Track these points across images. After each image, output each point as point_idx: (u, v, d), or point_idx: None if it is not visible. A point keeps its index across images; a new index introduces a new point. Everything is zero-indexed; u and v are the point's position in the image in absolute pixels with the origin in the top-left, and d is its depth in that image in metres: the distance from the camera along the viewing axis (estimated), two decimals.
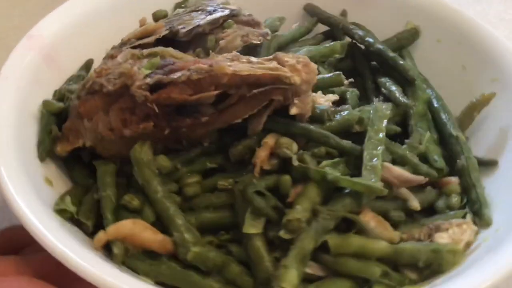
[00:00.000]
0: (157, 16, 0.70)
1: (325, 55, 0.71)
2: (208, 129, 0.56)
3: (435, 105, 0.67)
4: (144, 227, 0.51)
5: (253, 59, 0.55)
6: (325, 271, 0.52)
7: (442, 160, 0.61)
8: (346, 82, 0.64)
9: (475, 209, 0.58)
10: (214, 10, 0.67)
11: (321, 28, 0.79)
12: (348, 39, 0.74)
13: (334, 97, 0.61)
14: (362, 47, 0.73)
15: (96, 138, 0.56)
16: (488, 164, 0.63)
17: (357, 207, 0.53)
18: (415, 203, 0.56)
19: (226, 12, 0.67)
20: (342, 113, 0.59)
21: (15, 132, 0.56)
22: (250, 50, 0.66)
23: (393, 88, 0.66)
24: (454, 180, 0.61)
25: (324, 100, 0.59)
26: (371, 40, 0.71)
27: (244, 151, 0.56)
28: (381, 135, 0.57)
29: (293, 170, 0.54)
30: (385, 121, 0.59)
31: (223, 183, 0.55)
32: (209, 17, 0.66)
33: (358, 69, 0.73)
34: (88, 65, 0.67)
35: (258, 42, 0.65)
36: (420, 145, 0.61)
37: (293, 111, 0.55)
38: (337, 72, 0.63)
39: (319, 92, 0.61)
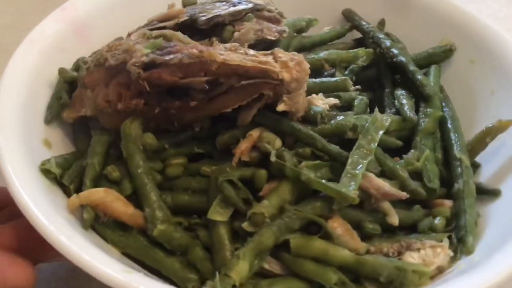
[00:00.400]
0: (185, 3, 0.72)
1: (346, 60, 0.70)
2: (198, 115, 0.57)
3: (448, 125, 0.65)
4: (116, 198, 0.53)
5: (250, 51, 0.56)
6: (284, 270, 0.52)
7: (437, 181, 0.58)
8: (352, 88, 0.63)
9: (460, 235, 0.55)
10: (239, 3, 0.68)
11: (358, 34, 0.78)
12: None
13: (334, 100, 0.60)
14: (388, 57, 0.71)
15: (95, 109, 0.59)
16: (490, 193, 0.60)
17: (328, 211, 0.52)
18: (393, 219, 0.54)
19: (250, 5, 0.68)
20: (338, 117, 0.58)
21: (27, 93, 0.60)
22: (267, 45, 0.67)
23: (404, 101, 0.65)
24: (447, 203, 0.58)
25: (322, 103, 0.59)
26: (395, 51, 0.70)
27: (229, 141, 0.57)
28: (372, 145, 0.56)
29: (271, 166, 0.54)
30: (381, 132, 0.58)
31: (205, 169, 0.56)
32: (231, 9, 0.67)
33: (380, 79, 0.71)
34: None
35: (273, 38, 0.65)
36: (417, 162, 0.59)
37: (280, 107, 0.55)
38: (343, 77, 0.62)
39: (320, 94, 0.60)
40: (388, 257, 0.52)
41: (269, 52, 0.56)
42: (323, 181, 0.52)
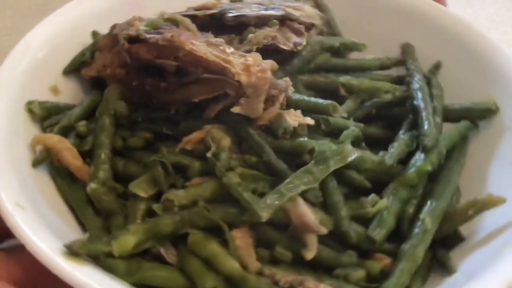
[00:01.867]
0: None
1: (367, 91, 0.67)
2: (171, 97, 0.59)
3: (437, 185, 0.59)
4: (67, 148, 0.58)
5: (229, 49, 0.56)
6: (178, 262, 0.52)
7: (383, 233, 0.54)
8: (337, 115, 0.60)
9: None
10: (272, 8, 0.69)
11: None
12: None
13: (309, 121, 0.58)
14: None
15: (98, 71, 0.64)
16: (445, 268, 0.54)
17: (239, 221, 0.52)
18: (308, 253, 0.51)
19: (281, 13, 0.69)
20: (301, 138, 0.57)
21: (58, 45, 0.67)
22: (286, 56, 0.67)
23: (395, 145, 0.60)
24: (384, 260, 0.54)
25: (293, 119, 0.57)
26: (418, 94, 0.65)
27: (189, 128, 0.58)
28: (322, 174, 0.54)
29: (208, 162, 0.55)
30: (339, 165, 0.55)
31: (162, 148, 0.58)
32: (261, 12, 0.68)
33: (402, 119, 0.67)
34: None
35: (286, 48, 0.65)
36: (372, 208, 0.55)
37: (235, 109, 0.55)
38: (330, 102, 0.59)
39: (298, 111, 0.59)
40: (277, 285, 0.50)
41: (247, 54, 0.56)
42: (243, 191, 0.51)
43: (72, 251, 0.46)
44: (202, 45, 0.55)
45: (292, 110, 0.59)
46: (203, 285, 0.49)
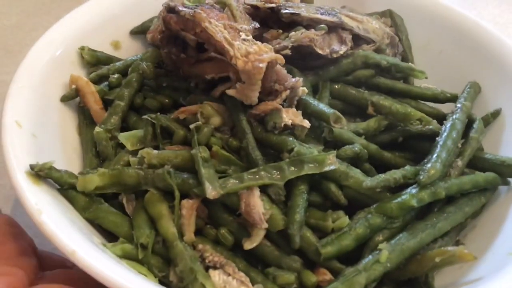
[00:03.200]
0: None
1: (395, 115, 0.65)
2: (190, 72, 0.63)
3: (422, 220, 0.56)
4: (91, 92, 0.64)
5: (247, 36, 0.58)
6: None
7: (330, 250, 0.53)
8: (342, 125, 0.58)
9: None
10: (328, 14, 0.69)
11: None
12: None
13: (306, 124, 0.58)
14: None
15: (151, 36, 0.71)
16: None
17: (191, 191, 0.54)
18: (246, 243, 0.53)
19: (334, 19, 0.69)
20: (287, 136, 0.57)
21: (129, 7, 0.75)
22: (327, 61, 0.67)
23: (390, 172, 0.57)
24: (325, 276, 0.53)
25: (289, 117, 0.58)
26: (445, 131, 0.61)
27: (193, 102, 0.62)
28: (292, 175, 0.54)
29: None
30: (313, 171, 0.54)
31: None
32: (316, 15, 0.69)
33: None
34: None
35: (320, 52, 0.65)
36: (331, 223, 0.54)
37: (230, 91, 0.57)
38: (332, 111, 0.58)
39: (299, 112, 0.59)
40: (203, 261, 0.51)
41: (258, 42, 0.58)
42: (202, 164, 0.53)
43: (34, 172, 0.52)
44: (219, 26, 0.58)
45: (293, 109, 0.59)
46: (137, 239, 0.52)
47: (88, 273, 0.44)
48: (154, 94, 0.66)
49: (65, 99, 0.66)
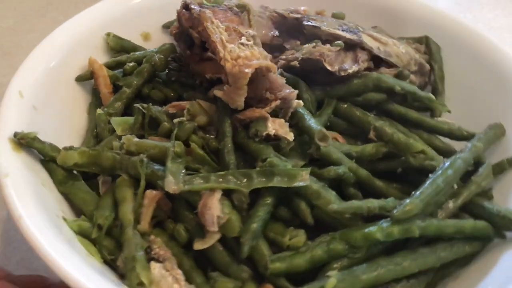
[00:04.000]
0: (334, 15, 0.74)
1: (395, 144, 0.62)
2: (195, 69, 0.64)
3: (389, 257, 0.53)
4: (103, 75, 0.67)
5: (249, 41, 0.58)
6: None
7: (278, 267, 0.51)
8: (326, 144, 0.57)
9: None
10: (350, 31, 0.68)
11: None
12: None
13: (288, 137, 0.57)
14: None
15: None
16: None
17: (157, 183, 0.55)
18: (196, 244, 0.53)
19: (354, 37, 0.67)
20: (266, 146, 0.56)
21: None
22: (338, 79, 0.66)
23: (363, 201, 0.55)
24: None
25: (273, 127, 0.57)
26: (441, 169, 0.58)
27: (189, 98, 0.63)
28: (260, 185, 0.53)
29: None
30: (280, 185, 0.53)
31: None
32: (336, 32, 0.68)
33: None
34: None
35: (330, 69, 0.64)
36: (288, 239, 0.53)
37: (217, 92, 0.57)
38: (319, 128, 0.57)
39: (286, 124, 0.58)
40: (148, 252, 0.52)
41: (255, 46, 0.58)
42: (171, 158, 0.54)
43: (16, 139, 0.55)
44: (220, 27, 0.58)
45: (280, 120, 0.58)
46: (96, 219, 0.54)
47: (27, 240, 0.46)
48: (162, 87, 0.68)
49: (79, 79, 0.69)
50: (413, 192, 0.55)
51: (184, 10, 0.64)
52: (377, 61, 0.69)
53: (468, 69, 0.73)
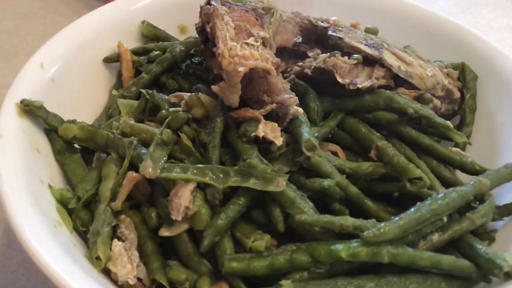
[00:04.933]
0: (366, 29, 0.73)
1: (394, 166, 0.59)
2: (208, 62, 0.65)
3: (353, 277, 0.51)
4: (126, 60, 0.70)
5: (256, 42, 0.59)
6: None
7: (234, 267, 0.51)
8: (316, 155, 0.55)
9: None
10: (373, 47, 0.66)
11: None
12: None
13: (277, 142, 0.56)
14: None
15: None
16: None
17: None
18: (161, 230, 0.53)
19: (375, 53, 0.65)
20: (247, 146, 0.56)
21: None
22: (347, 92, 0.64)
23: (337, 217, 0.53)
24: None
25: (264, 130, 0.57)
26: (429, 200, 0.55)
27: (194, 91, 0.64)
28: (234, 184, 0.53)
29: None
30: (257, 187, 0.53)
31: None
32: (357, 45, 0.66)
33: None
34: None
35: (339, 81, 0.62)
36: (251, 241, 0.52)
37: (213, 87, 0.58)
38: (310, 138, 0.55)
39: (279, 129, 0.57)
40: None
41: (260, 47, 0.58)
42: (156, 144, 0.55)
43: (22, 105, 0.59)
44: (229, 25, 0.59)
45: (273, 124, 0.58)
46: (78, 190, 0.57)
47: None
48: (180, 78, 0.69)
49: (107, 60, 0.72)
50: (392, 217, 0.53)
51: (207, 5, 0.65)
52: (400, 81, 0.66)
53: (504, 105, 0.69)
